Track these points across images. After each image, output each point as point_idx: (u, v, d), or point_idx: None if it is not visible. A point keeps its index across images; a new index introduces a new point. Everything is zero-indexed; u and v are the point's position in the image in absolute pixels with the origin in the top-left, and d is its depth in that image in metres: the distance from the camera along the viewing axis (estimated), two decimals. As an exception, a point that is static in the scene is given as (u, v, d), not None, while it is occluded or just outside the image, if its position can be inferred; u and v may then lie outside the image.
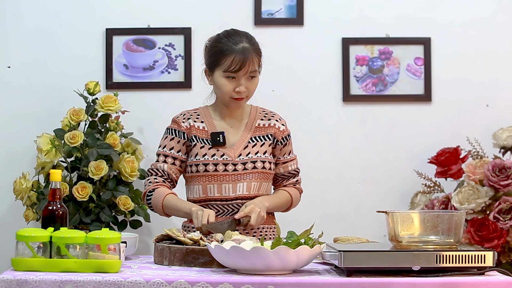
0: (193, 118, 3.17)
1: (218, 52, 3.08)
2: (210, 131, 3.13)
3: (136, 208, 3.83)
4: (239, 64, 3.02)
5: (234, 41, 3.06)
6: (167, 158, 3.14)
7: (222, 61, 3.06)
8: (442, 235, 2.57)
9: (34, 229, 2.55)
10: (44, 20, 4.07)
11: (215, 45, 3.10)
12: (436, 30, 4.11)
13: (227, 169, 3.09)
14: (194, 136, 3.13)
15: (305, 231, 2.58)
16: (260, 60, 3.12)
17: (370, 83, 4.10)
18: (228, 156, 3.10)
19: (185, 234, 2.78)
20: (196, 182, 3.12)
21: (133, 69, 4.08)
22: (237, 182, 3.10)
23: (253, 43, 3.09)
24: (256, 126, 3.18)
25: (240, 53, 3.03)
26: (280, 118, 3.24)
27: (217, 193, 3.10)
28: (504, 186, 3.74)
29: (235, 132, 3.16)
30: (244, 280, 2.40)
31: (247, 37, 3.10)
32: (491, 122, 4.05)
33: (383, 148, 4.11)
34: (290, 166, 3.23)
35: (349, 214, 4.09)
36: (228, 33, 3.12)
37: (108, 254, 2.48)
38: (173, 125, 3.18)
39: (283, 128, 3.21)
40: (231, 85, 3.07)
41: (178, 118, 3.18)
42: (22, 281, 2.39)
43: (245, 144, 3.14)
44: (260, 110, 3.23)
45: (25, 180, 3.78)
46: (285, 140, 3.21)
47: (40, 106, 4.05)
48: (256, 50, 3.08)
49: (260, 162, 3.12)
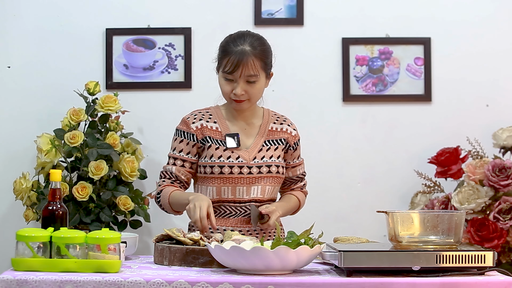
0: (205, 118, 3.14)
1: (220, 52, 3.08)
2: (223, 132, 3.12)
3: (136, 208, 3.83)
4: (233, 66, 3.00)
5: (236, 43, 3.03)
6: (176, 161, 3.13)
7: (222, 61, 3.05)
8: (442, 235, 2.57)
9: (34, 229, 2.55)
10: (44, 20, 4.07)
11: (221, 45, 3.10)
12: (436, 30, 4.11)
13: (242, 172, 3.08)
14: (208, 137, 3.11)
15: (305, 231, 2.58)
16: (265, 64, 3.06)
17: (370, 83, 4.10)
18: (243, 158, 3.09)
19: (185, 234, 2.78)
20: (210, 184, 3.11)
21: (133, 69, 4.08)
22: (252, 185, 3.09)
23: (255, 47, 3.03)
24: (270, 130, 3.17)
25: (236, 55, 3.00)
26: (291, 122, 3.24)
27: (231, 195, 3.10)
28: (504, 186, 3.74)
29: (249, 135, 3.14)
30: (244, 280, 2.40)
31: (252, 40, 3.05)
32: (491, 122, 4.05)
33: (383, 148, 4.11)
34: (299, 170, 3.25)
35: (349, 214, 4.09)
36: (236, 35, 3.09)
37: (108, 254, 2.48)
38: (182, 126, 3.15)
39: (294, 133, 3.21)
40: (229, 87, 3.05)
41: (188, 119, 3.15)
42: (22, 281, 2.39)
43: (259, 148, 3.12)
44: (272, 114, 3.22)
45: (25, 180, 3.78)
46: (296, 145, 3.21)
47: (40, 106, 4.05)
48: (257, 54, 3.03)
49: (275, 167, 3.11)
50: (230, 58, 3.01)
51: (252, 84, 3.04)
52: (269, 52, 3.11)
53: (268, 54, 3.09)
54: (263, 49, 3.07)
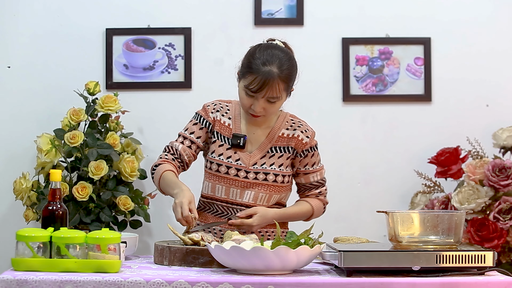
0: (222, 111, 3.13)
1: (247, 65, 3.01)
2: (233, 131, 3.11)
3: (136, 208, 3.83)
4: (257, 86, 2.95)
5: (264, 61, 2.96)
6: (185, 140, 3.13)
7: (246, 75, 2.99)
8: (442, 235, 2.57)
9: (34, 229, 2.55)
10: (44, 20, 4.07)
11: (249, 56, 3.02)
12: (436, 30, 4.11)
13: (238, 174, 3.08)
14: (216, 132, 3.11)
15: (305, 231, 2.58)
16: (289, 86, 3.01)
17: (370, 83, 4.10)
18: (242, 162, 3.08)
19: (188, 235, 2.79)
20: (208, 179, 3.13)
21: (133, 69, 4.08)
22: (245, 189, 3.09)
23: (283, 70, 2.97)
24: (279, 136, 3.13)
25: (262, 77, 2.94)
26: (307, 129, 3.16)
27: (224, 195, 3.10)
28: (504, 186, 3.74)
29: (257, 139, 3.12)
30: (244, 280, 2.40)
31: (281, 60, 2.98)
32: (491, 122, 4.05)
33: (383, 148, 4.11)
34: (312, 178, 3.19)
35: (349, 214, 4.08)
36: (266, 47, 3.02)
37: (108, 254, 2.48)
38: (202, 111, 3.15)
39: (306, 140, 3.13)
40: (249, 101, 3.01)
41: (209, 107, 3.15)
42: (22, 281, 2.39)
43: (263, 154, 3.11)
44: (288, 119, 3.17)
45: (25, 180, 3.78)
46: (306, 152, 3.14)
47: (40, 106, 4.05)
48: (283, 77, 2.96)
49: (272, 175, 3.09)
50: (256, 78, 2.95)
51: (272, 103, 3.01)
52: (294, 74, 3.05)
53: (293, 76, 3.04)
54: (290, 71, 3.00)
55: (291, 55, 3.06)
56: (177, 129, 3.21)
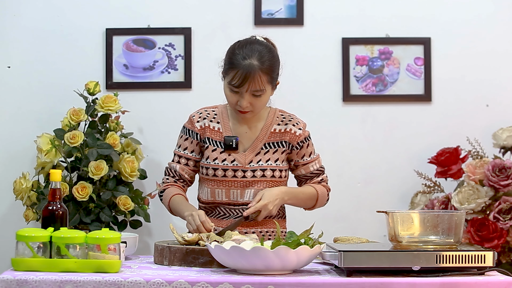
0: (210, 118, 3.14)
1: (228, 62, 3.02)
2: (224, 134, 3.11)
3: (136, 208, 3.83)
4: (240, 80, 2.96)
5: (244, 55, 2.97)
6: (180, 159, 3.15)
7: (229, 72, 3.00)
8: (442, 235, 2.57)
9: (34, 229, 2.55)
10: (44, 20, 4.07)
11: (229, 53, 3.04)
12: (436, 30, 4.11)
13: (236, 175, 3.08)
14: (207, 138, 3.11)
15: (305, 231, 2.58)
16: (272, 78, 3.02)
17: (370, 83, 4.10)
18: (238, 162, 3.08)
19: (182, 234, 2.80)
20: (206, 184, 3.12)
21: (133, 69, 4.08)
22: (246, 188, 3.09)
23: (263, 61, 2.98)
24: (272, 132, 3.13)
25: (243, 70, 2.95)
26: (298, 122, 3.17)
27: (225, 198, 3.10)
28: (504, 186, 3.74)
29: (249, 137, 3.12)
30: (244, 280, 2.40)
31: (261, 52, 2.99)
32: (491, 122, 4.05)
33: (383, 148, 4.11)
34: (312, 167, 3.19)
35: (349, 214, 4.09)
36: (245, 43, 3.03)
37: (108, 254, 2.48)
38: (188, 124, 3.16)
39: (299, 132, 3.14)
40: (234, 98, 3.02)
41: (194, 117, 3.15)
42: (22, 281, 2.39)
43: (257, 151, 3.11)
44: (278, 114, 3.18)
45: (25, 180, 3.78)
46: (301, 143, 3.14)
47: (40, 106, 4.05)
48: (264, 69, 2.97)
49: (270, 171, 3.09)
50: (237, 73, 2.96)
51: (257, 97, 3.02)
52: (276, 65, 3.06)
53: (275, 68, 3.05)
54: (271, 63, 3.01)
55: (272, 48, 3.06)
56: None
